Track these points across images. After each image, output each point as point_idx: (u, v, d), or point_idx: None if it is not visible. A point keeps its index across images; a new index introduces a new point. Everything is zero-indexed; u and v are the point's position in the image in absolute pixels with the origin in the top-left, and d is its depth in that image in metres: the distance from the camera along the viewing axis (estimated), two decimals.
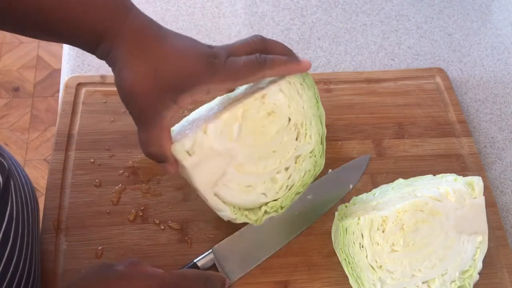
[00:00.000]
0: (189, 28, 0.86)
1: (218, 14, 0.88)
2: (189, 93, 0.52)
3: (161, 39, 0.53)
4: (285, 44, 0.59)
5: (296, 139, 0.59)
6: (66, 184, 0.66)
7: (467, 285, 0.58)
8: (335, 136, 0.72)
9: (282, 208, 0.60)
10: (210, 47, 0.54)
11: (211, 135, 0.54)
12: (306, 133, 0.60)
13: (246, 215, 0.58)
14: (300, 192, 0.61)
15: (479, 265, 0.58)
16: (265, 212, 0.59)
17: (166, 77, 0.51)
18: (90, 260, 0.61)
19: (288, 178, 0.60)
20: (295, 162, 0.60)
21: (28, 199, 0.60)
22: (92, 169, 0.67)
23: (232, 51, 0.55)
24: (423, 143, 0.72)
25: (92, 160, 0.68)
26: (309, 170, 0.61)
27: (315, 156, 0.61)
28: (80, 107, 0.73)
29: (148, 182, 0.67)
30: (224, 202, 0.57)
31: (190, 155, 0.54)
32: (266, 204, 0.59)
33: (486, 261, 0.59)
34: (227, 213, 0.57)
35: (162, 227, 0.64)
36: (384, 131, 0.73)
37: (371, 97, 0.76)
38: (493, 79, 0.83)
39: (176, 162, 0.55)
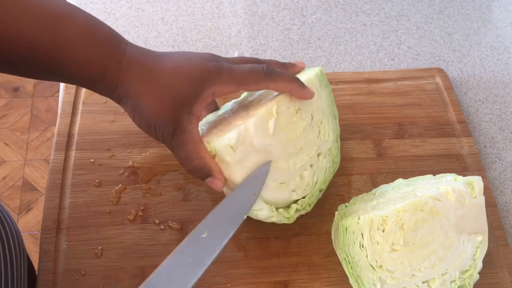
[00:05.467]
0: (189, 28, 0.86)
1: (218, 14, 0.88)
2: (199, 100, 0.53)
3: (161, 59, 0.53)
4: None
5: (318, 136, 0.61)
6: (66, 184, 0.66)
7: (467, 285, 0.58)
8: None
9: (309, 205, 0.62)
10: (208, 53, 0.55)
11: (251, 131, 0.55)
12: (325, 131, 0.62)
13: (281, 213, 0.59)
14: (323, 189, 0.63)
15: (479, 265, 0.58)
16: (296, 210, 0.61)
17: (179, 90, 0.52)
18: (90, 260, 0.61)
19: (313, 175, 0.61)
20: (318, 160, 0.62)
21: (13, 252, 0.59)
22: (92, 169, 0.67)
23: (231, 61, 0.56)
24: (423, 143, 0.72)
25: (92, 160, 0.68)
26: (328, 168, 0.63)
27: (332, 154, 0.64)
28: (80, 107, 0.73)
29: (148, 182, 0.67)
30: (262, 200, 0.57)
31: (234, 151, 0.54)
32: (296, 201, 0.61)
33: (486, 261, 0.59)
34: (265, 211, 0.57)
35: (162, 227, 0.64)
36: (384, 131, 0.73)
37: (371, 97, 0.76)
38: (493, 79, 0.83)
39: (221, 173, 0.54)
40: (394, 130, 0.73)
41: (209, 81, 0.52)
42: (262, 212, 0.58)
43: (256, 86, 0.55)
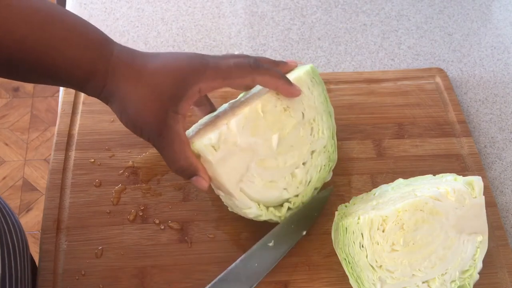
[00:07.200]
0: (189, 28, 0.86)
1: (218, 14, 0.88)
2: (185, 98, 0.53)
3: (148, 60, 0.53)
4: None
5: (311, 134, 0.61)
6: (66, 184, 0.66)
7: (467, 285, 0.58)
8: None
9: (303, 203, 0.62)
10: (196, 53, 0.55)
11: (234, 130, 0.55)
12: (319, 128, 0.62)
13: (271, 212, 0.59)
14: (318, 188, 0.63)
15: (479, 265, 0.58)
16: (288, 208, 0.61)
17: (164, 90, 0.52)
18: (90, 260, 0.61)
19: (306, 173, 0.61)
20: (311, 157, 0.62)
21: (17, 249, 0.59)
22: (92, 169, 0.67)
23: (220, 58, 0.56)
24: (423, 143, 0.72)
25: (92, 160, 0.68)
26: (324, 165, 0.63)
27: (328, 151, 0.63)
28: (80, 107, 0.73)
29: (148, 182, 0.67)
30: (249, 198, 0.57)
31: (216, 150, 0.54)
32: (287, 200, 0.61)
33: (486, 261, 0.59)
34: (253, 210, 0.58)
35: (162, 227, 0.64)
36: (384, 131, 0.73)
37: (371, 97, 0.76)
38: (493, 79, 0.83)
39: (206, 172, 0.55)
40: (394, 130, 0.73)
41: (194, 78, 0.52)
42: (251, 210, 0.58)
43: (242, 80, 0.55)
